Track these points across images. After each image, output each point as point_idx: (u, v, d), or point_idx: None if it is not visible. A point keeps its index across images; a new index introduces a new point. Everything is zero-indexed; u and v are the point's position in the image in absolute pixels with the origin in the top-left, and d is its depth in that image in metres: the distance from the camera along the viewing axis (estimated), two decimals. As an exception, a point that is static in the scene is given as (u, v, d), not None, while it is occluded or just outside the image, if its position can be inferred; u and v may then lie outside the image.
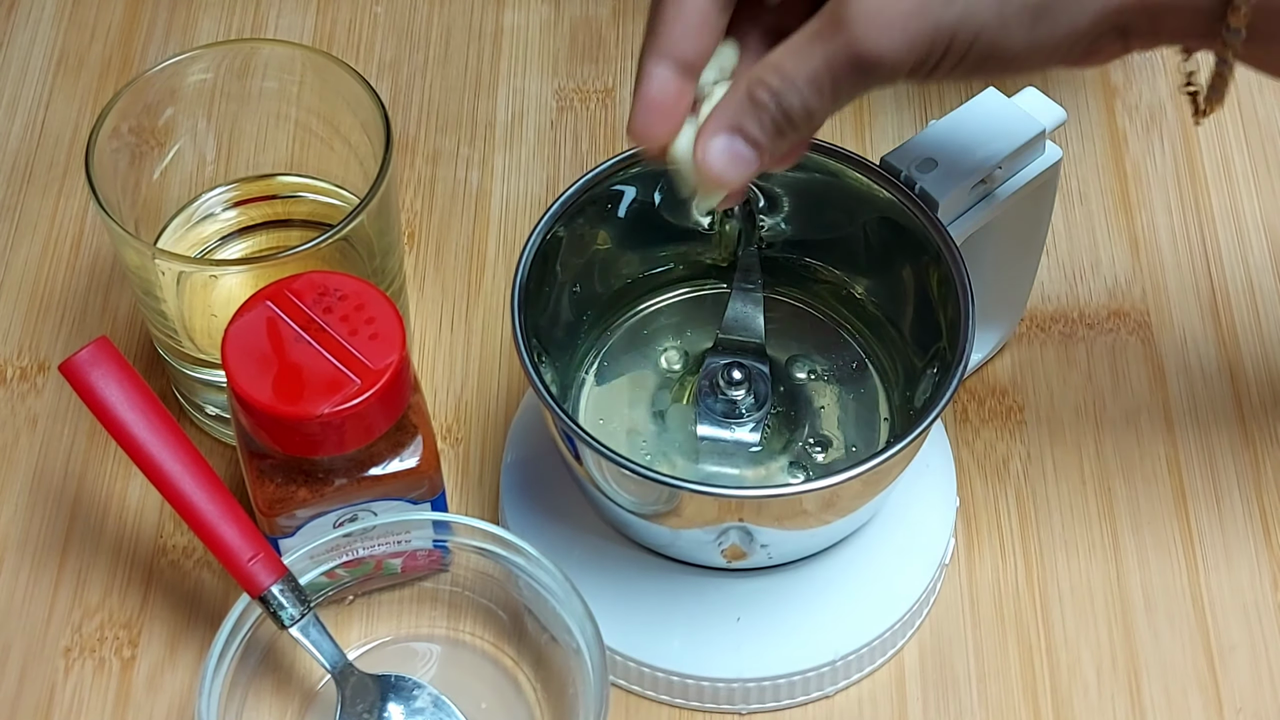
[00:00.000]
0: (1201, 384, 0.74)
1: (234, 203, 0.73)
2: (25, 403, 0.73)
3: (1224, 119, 0.82)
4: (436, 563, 0.67)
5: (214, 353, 0.67)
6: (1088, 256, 0.78)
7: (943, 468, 0.69)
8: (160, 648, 0.67)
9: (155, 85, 0.68)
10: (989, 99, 0.65)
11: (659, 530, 0.63)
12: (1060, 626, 0.68)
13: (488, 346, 0.75)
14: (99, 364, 0.60)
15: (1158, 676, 0.67)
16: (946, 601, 0.68)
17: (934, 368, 0.64)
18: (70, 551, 0.70)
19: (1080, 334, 0.75)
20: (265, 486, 0.62)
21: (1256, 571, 0.69)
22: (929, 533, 0.68)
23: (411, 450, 0.63)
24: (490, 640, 0.67)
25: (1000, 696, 0.66)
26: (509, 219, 0.79)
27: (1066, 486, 0.71)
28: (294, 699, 0.66)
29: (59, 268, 0.77)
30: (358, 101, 0.68)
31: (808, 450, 0.66)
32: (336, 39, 0.85)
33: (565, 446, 0.62)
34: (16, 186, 0.80)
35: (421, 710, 0.64)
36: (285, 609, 0.61)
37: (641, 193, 0.67)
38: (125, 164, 0.69)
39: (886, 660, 0.67)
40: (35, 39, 0.85)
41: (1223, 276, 0.77)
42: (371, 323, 0.61)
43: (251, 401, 0.59)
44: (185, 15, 0.85)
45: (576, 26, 0.85)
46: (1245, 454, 0.72)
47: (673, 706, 0.66)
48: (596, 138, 0.82)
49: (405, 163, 0.81)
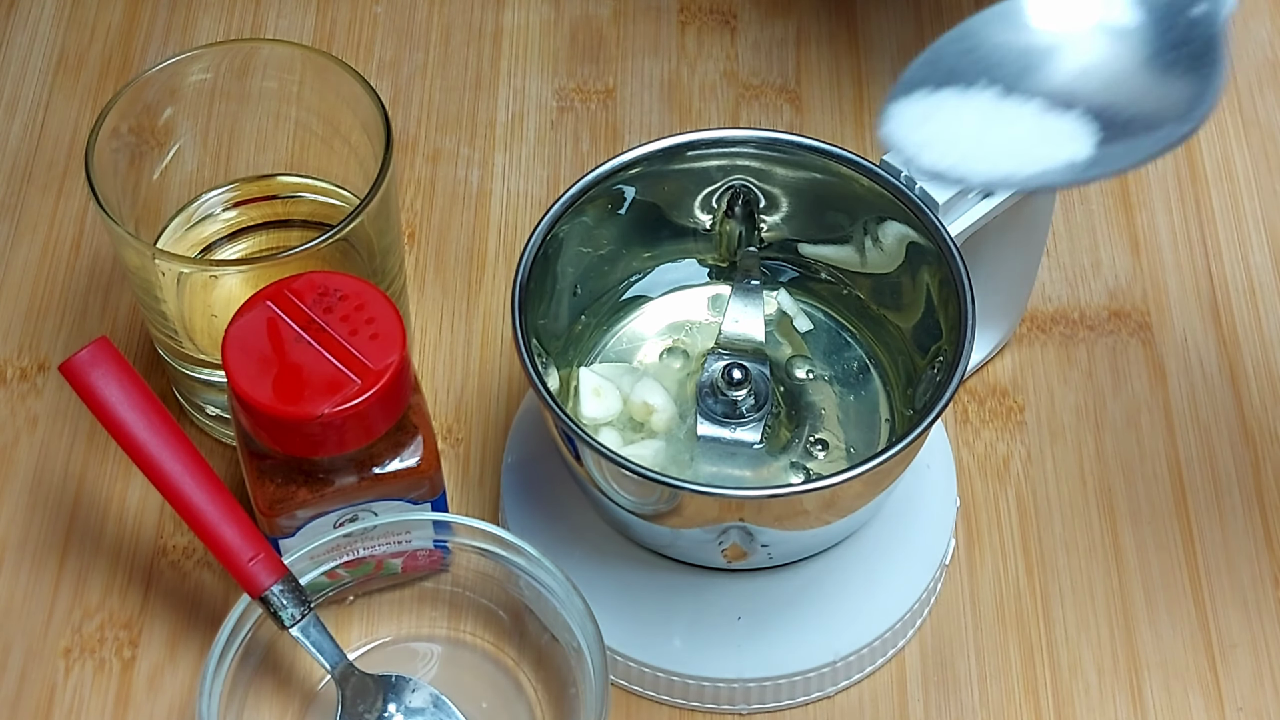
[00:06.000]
0: (1202, 384, 0.74)
1: (234, 203, 0.73)
2: (25, 403, 0.73)
3: (1224, 119, 0.82)
4: (437, 563, 0.67)
5: (214, 353, 0.67)
6: (1088, 257, 0.78)
7: (943, 468, 0.69)
8: (160, 648, 0.67)
9: (155, 85, 0.68)
10: (989, 99, 0.65)
11: (659, 530, 0.63)
12: (1061, 626, 0.68)
13: (488, 346, 0.75)
14: (99, 364, 0.60)
15: (1158, 675, 0.67)
16: (947, 601, 0.68)
17: (934, 368, 0.64)
18: (70, 552, 0.70)
19: (1081, 334, 0.75)
20: (265, 487, 0.62)
21: (1257, 570, 0.69)
22: (929, 533, 0.68)
23: (412, 450, 0.63)
24: (491, 640, 0.67)
25: (1001, 696, 0.66)
26: (509, 219, 0.79)
27: (1067, 486, 0.71)
28: (294, 699, 0.66)
29: (59, 268, 0.77)
30: (358, 101, 0.68)
31: (808, 450, 0.66)
32: (336, 39, 0.85)
33: (565, 447, 0.62)
34: (16, 186, 0.80)
35: (422, 710, 0.64)
36: (286, 609, 0.61)
37: (642, 193, 0.67)
38: (125, 164, 0.69)
39: (887, 660, 0.67)
40: (35, 39, 0.85)
41: (1223, 276, 0.77)
42: (372, 323, 0.61)
43: (252, 402, 0.59)
44: (185, 15, 0.85)
45: (577, 26, 0.85)
46: (1245, 454, 0.72)
47: (673, 707, 0.66)
48: (597, 138, 0.82)
49: (405, 163, 0.81)
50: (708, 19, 0.86)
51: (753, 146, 0.66)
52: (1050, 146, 0.49)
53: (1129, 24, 0.51)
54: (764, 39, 0.85)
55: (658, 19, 0.86)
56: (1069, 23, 0.52)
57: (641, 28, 0.85)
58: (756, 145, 0.66)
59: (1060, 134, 0.49)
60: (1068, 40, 0.51)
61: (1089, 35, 0.51)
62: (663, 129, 0.82)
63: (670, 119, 0.82)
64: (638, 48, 0.85)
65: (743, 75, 0.84)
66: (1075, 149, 0.49)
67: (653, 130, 0.82)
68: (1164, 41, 0.50)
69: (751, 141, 0.66)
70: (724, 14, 0.86)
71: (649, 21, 0.86)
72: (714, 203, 0.68)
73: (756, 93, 0.83)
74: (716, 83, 0.83)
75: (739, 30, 0.85)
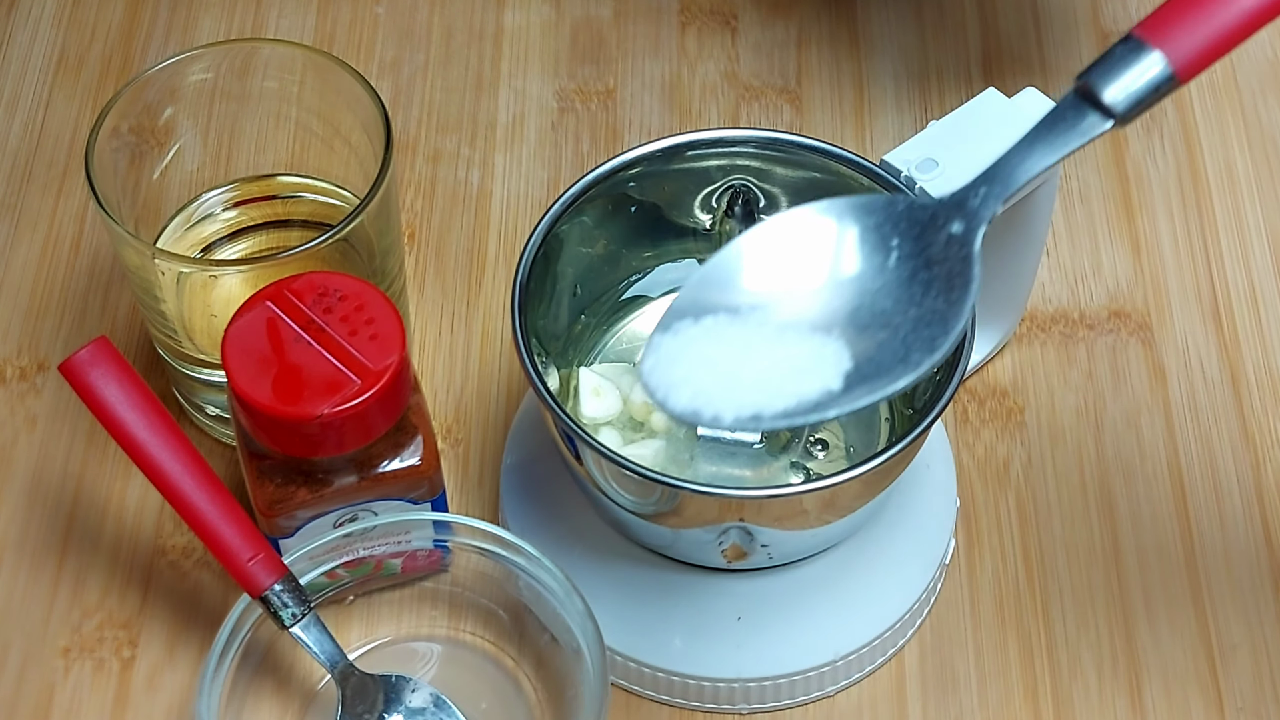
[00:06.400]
0: (1202, 385, 0.74)
1: (234, 203, 0.73)
2: (25, 403, 0.73)
3: (1225, 120, 0.82)
4: (437, 563, 0.67)
5: (214, 353, 0.67)
6: (1088, 257, 0.78)
7: (943, 468, 0.69)
8: (160, 648, 0.67)
9: (155, 85, 0.68)
10: (989, 99, 0.65)
11: (659, 530, 0.63)
12: (1060, 626, 0.68)
13: (488, 346, 0.75)
14: (99, 364, 0.60)
15: (1158, 676, 0.67)
16: (947, 601, 0.68)
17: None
18: (69, 551, 0.70)
19: (1081, 335, 0.75)
20: (265, 487, 0.62)
21: (1257, 571, 0.69)
22: (929, 533, 0.68)
23: (412, 450, 0.63)
24: (491, 640, 0.67)
25: (1000, 696, 0.66)
26: (509, 219, 0.79)
27: (1066, 487, 0.71)
28: (294, 699, 0.66)
29: (59, 268, 0.77)
30: (358, 101, 0.68)
31: (808, 450, 0.66)
32: (337, 39, 0.85)
33: (565, 447, 0.62)
34: (16, 186, 0.80)
35: (422, 710, 0.64)
36: (285, 609, 0.61)
37: (642, 193, 0.67)
38: (125, 164, 0.69)
39: (887, 660, 0.67)
40: (35, 39, 0.85)
41: (1224, 278, 0.77)
42: (371, 323, 0.61)
43: (251, 402, 0.59)
44: (185, 15, 0.85)
45: (577, 27, 0.85)
46: (1245, 455, 0.72)
47: (673, 706, 0.66)
48: (597, 138, 0.82)
49: (405, 163, 0.81)
50: (708, 20, 0.86)
51: (753, 146, 0.66)
52: (804, 380, 0.49)
53: (884, 246, 0.50)
54: (764, 40, 0.85)
55: (658, 20, 0.86)
56: (819, 249, 0.51)
57: (642, 29, 0.85)
58: (756, 145, 0.66)
59: (814, 366, 0.49)
60: (822, 268, 0.50)
61: (843, 260, 0.50)
62: (663, 130, 0.82)
63: (670, 120, 0.82)
64: (638, 49, 0.85)
65: (743, 76, 0.84)
66: (828, 380, 0.48)
67: (653, 131, 0.82)
68: (918, 262, 0.50)
69: (751, 141, 0.66)
70: (724, 15, 0.86)
71: (649, 22, 0.86)
72: (714, 202, 0.68)
73: (757, 94, 0.83)
74: (717, 84, 0.83)
75: (739, 31, 0.85)
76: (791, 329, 0.49)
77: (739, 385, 0.48)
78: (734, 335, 0.49)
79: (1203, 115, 0.82)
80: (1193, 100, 0.83)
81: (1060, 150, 0.49)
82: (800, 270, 0.50)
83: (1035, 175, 0.50)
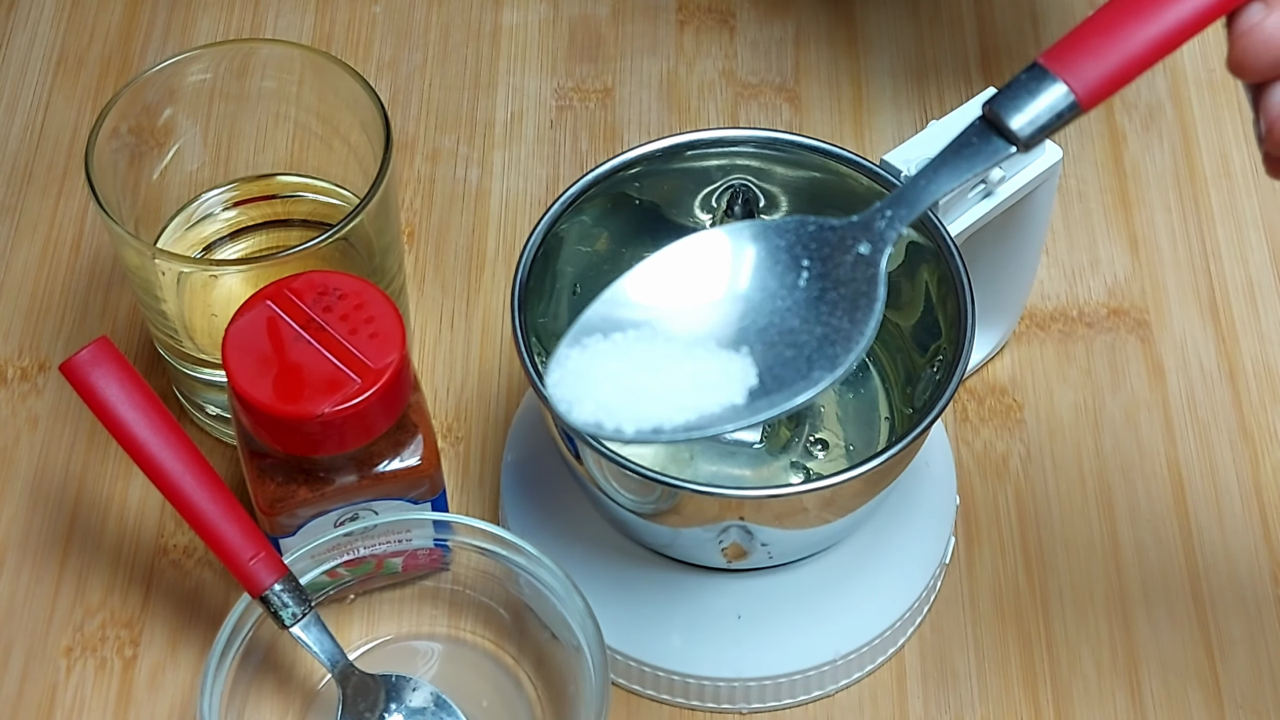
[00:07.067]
0: (1200, 382, 0.74)
1: (233, 203, 0.73)
2: (26, 403, 0.73)
3: (1222, 117, 0.82)
4: (437, 562, 0.67)
5: (214, 352, 0.67)
6: (1087, 255, 0.78)
7: (943, 467, 0.69)
8: (161, 647, 0.68)
9: (154, 85, 0.69)
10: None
11: (659, 530, 0.63)
12: (1060, 623, 0.68)
13: (488, 346, 0.75)
14: (99, 364, 0.60)
15: (1157, 672, 0.67)
16: (947, 600, 0.69)
17: (934, 367, 0.64)
18: (71, 551, 0.70)
19: (1079, 333, 0.75)
20: (266, 486, 0.62)
21: (1256, 566, 0.69)
22: (929, 531, 0.68)
23: (412, 449, 0.63)
24: (491, 639, 0.67)
25: (1001, 694, 0.66)
26: (509, 218, 0.79)
27: (1066, 485, 0.71)
28: (295, 698, 0.66)
29: (59, 268, 0.77)
30: (357, 101, 0.68)
31: (808, 450, 0.66)
32: (335, 39, 0.85)
33: (565, 446, 0.62)
34: (16, 187, 0.80)
35: (422, 709, 0.64)
36: (286, 608, 0.61)
37: (642, 192, 0.67)
38: (125, 164, 0.69)
39: (887, 659, 0.67)
40: (35, 39, 0.85)
41: (1222, 274, 0.77)
42: (371, 322, 0.61)
43: (252, 401, 0.59)
44: (184, 15, 0.85)
45: (575, 25, 0.85)
46: (1244, 451, 0.72)
47: (673, 706, 0.66)
48: (595, 137, 0.82)
49: (405, 162, 0.81)
50: (706, 18, 0.86)
51: (752, 146, 0.66)
52: (708, 394, 0.49)
53: (795, 266, 0.51)
54: (762, 38, 0.85)
55: (656, 18, 0.86)
56: (731, 268, 0.51)
57: (640, 27, 0.85)
58: (756, 144, 0.66)
59: (720, 382, 0.49)
60: (734, 287, 0.51)
61: (755, 280, 0.51)
62: (661, 128, 0.82)
63: (669, 118, 0.82)
64: (636, 47, 0.85)
65: (741, 74, 0.84)
66: (732, 395, 0.49)
67: (651, 129, 0.82)
68: (827, 282, 0.50)
69: (751, 141, 0.66)
70: (722, 13, 0.86)
71: (647, 21, 0.86)
72: (714, 202, 0.68)
73: (755, 92, 0.83)
74: (715, 82, 0.83)
75: (738, 29, 0.85)
76: (700, 345, 0.50)
77: (643, 399, 0.49)
78: (642, 351, 0.50)
79: (1200, 111, 0.82)
80: (1190, 96, 0.83)
81: (965, 173, 0.50)
82: (712, 289, 0.51)
83: (941, 196, 0.51)
